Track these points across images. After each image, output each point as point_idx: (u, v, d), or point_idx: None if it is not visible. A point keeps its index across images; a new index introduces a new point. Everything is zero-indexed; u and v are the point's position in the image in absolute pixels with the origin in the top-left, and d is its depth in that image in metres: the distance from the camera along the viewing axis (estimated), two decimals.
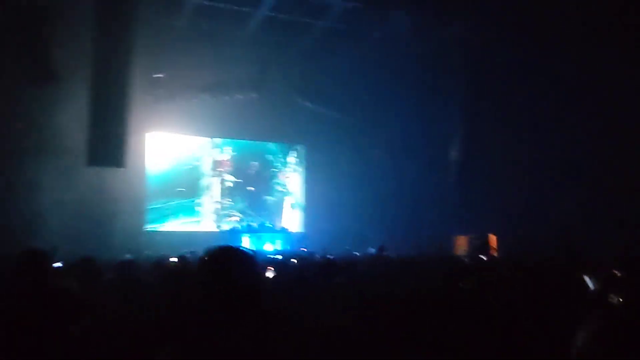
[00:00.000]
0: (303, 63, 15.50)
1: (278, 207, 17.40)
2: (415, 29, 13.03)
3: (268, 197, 17.32)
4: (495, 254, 12.05)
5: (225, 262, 2.17)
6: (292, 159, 17.72)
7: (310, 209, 16.98)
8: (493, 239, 12.65)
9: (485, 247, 11.93)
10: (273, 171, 17.51)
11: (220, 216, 16.45)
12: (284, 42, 14.86)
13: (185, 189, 15.97)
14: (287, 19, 13.67)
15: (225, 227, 16.00)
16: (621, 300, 2.81)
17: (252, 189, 16.91)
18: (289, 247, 14.53)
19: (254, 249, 14.06)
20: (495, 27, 11.62)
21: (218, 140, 16.67)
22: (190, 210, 16.06)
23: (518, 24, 11.12)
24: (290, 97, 15.84)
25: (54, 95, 12.09)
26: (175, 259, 6.34)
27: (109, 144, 10.84)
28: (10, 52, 11.28)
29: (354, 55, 14.79)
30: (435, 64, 13.27)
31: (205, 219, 16.27)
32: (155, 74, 14.22)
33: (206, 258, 2.25)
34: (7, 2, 11.14)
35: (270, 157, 17.51)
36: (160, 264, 6.40)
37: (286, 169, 17.66)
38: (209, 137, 16.43)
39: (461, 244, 13.43)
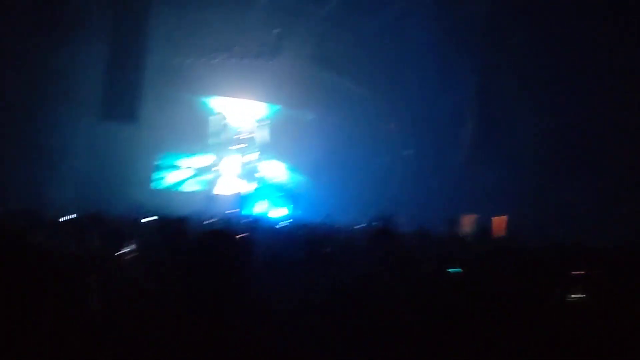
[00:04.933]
0: (321, 31, 15.35)
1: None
2: (435, 3, 12.82)
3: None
4: (502, 235, 12.06)
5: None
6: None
7: (322, 176, 17.02)
8: (500, 221, 12.61)
9: (488, 228, 11.92)
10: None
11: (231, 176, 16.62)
12: (304, 8, 14.68)
13: (199, 148, 16.14)
14: None
15: (237, 188, 16.17)
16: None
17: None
18: (299, 212, 14.72)
19: (262, 214, 14.30)
20: (518, 11, 11.38)
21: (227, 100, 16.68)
22: (204, 170, 16.25)
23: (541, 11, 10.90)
24: (305, 64, 15.79)
25: (71, 48, 12.09)
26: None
27: (122, 100, 10.96)
28: (28, 9, 11.22)
29: (372, 26, 14.61)
30: (453, 40, 13.08)
31: (219, 179, 16.46)
32: (174, 32, 14.11)
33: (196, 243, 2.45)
34: None
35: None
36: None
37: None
38: (223, 96, 16.48)
39: (467, 223, 13.44)
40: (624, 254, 4.63)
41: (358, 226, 8.49)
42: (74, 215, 6.17)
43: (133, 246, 5.04)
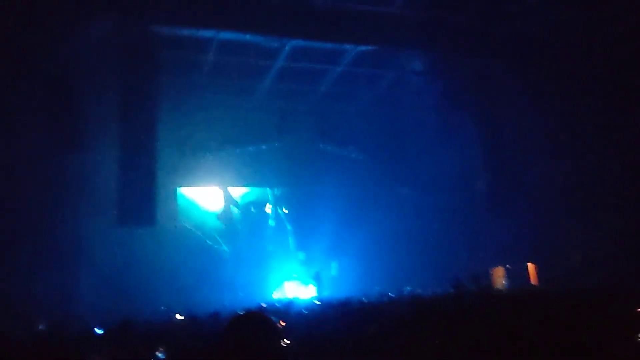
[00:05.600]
0: (321, 108, 15.75)
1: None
2: (428, 68, 13.17)
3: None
4: (535, 283, 11.78)
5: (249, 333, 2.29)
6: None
7: (342, 251, 16.87)
8: (532, 268, 12.35)
9: (523, 276, 11.69)
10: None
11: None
12: (302, 89, 15.14)
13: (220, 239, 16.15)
14: (303, 67, 13.95)
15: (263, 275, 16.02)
16: None
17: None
18: (326, 292, 14.49)
19: (292, 296, 14.09)
20: (509, 61, 11.68)
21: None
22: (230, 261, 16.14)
23: (532, 57, 11.18)
24: (310, 143, 16.09)
25: (86, 160, 12.43)
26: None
27: (138, 204, 11.09)
28: (43, 121, 11.69)
29: (370, 97, 14.99)
30: (450, 99, 13.33)
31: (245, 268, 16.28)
32: (181, 131, 14.53)
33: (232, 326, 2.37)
34: (38, 75, 11.60)
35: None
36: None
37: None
38: (231, 186, 16.72)
39: (498, 275, 13.14)
40: None
41: (393, 295, 8.32)
42: (103, 329, 6.13)
43: (166, 352, 4.93)
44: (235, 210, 16.74)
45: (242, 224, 16.76)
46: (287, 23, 11.84)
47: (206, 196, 16.45)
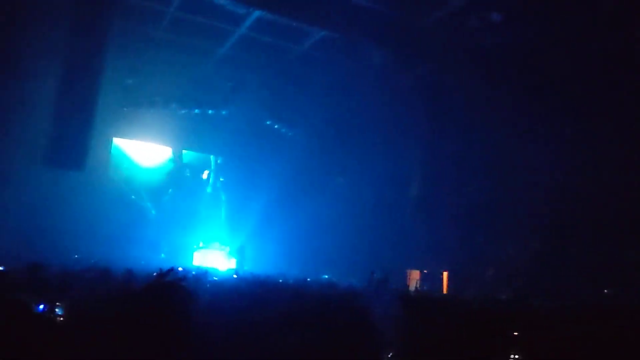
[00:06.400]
0: (275, 85, 15.67)
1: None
2: (386, 65, 13.32)
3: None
4: (445, 290, 12.30)
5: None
6: None
7: (270, 229, 16.93)
8: (445, 275, 12.87)
9: (436, 282, 12.18)
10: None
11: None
12: (258, 62, 14.99)
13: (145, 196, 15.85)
14: (265, 40, 13.79)
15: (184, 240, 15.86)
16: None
17: None
18: (246, 267, 14.52)
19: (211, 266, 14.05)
20: (459, 71, 11.97)
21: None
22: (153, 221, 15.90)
23: (488, 72, 11.50)
24: (258, 117, 16.00)
25: (17, 89, 11.75)
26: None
27: (68, 146, 10.65)
28: None
29: (325, 82, 15.02)
30: (402, 101, 13.57)
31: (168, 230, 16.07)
32: (128, 80, 14.14)
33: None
34: None
35: None
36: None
37: None
38: (171, 147, 16.43)
39: (413, 277, 13.60)
40: (560, 314, 4.79)
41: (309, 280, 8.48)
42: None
43: (73, 299, 4.86)
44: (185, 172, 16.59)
45: (180, 186, 16.57)
46: None
47: (144, 152, 16.07)
